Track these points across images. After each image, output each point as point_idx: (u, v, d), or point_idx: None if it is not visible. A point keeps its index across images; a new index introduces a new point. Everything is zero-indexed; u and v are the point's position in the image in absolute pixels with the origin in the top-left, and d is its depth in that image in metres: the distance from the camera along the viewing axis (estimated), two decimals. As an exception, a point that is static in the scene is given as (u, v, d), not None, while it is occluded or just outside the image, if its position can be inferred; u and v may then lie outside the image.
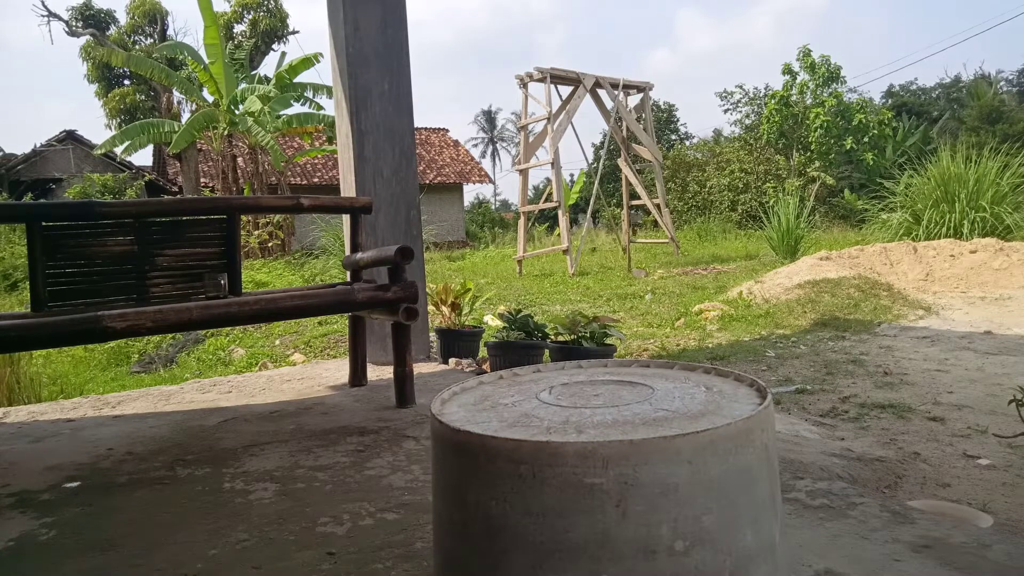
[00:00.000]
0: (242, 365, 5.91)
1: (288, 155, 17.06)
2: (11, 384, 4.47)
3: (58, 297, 2.55)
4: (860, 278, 7.15)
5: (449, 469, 1.16)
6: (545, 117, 12.33)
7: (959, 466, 2.57)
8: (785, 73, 23.03)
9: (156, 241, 2.71)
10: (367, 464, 2.27)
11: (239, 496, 2.04)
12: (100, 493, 2.13)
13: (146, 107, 21.36)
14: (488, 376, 1.50)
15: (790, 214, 11.28)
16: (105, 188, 17.72)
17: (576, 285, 9.82)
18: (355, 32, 3.78)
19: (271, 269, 11.67)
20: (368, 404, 3.08)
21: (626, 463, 0.99)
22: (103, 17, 22.86)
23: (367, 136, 3.84)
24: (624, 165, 13.86)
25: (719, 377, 1.40)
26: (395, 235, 3.89)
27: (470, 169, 26.71)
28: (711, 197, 22.82)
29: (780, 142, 23.15)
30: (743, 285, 7.56)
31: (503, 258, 16.38)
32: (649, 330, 5.95)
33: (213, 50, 14.33)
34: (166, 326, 2.38)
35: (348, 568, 1.56)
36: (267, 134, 14.20)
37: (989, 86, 27.10)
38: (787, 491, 1.93)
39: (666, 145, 30.35)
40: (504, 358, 3.76)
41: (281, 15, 21.98)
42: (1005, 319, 5.66)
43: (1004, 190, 9.67)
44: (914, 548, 1.56)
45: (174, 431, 2.78)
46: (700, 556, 1.01)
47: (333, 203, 3.48)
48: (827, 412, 3.30)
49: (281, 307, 2.65)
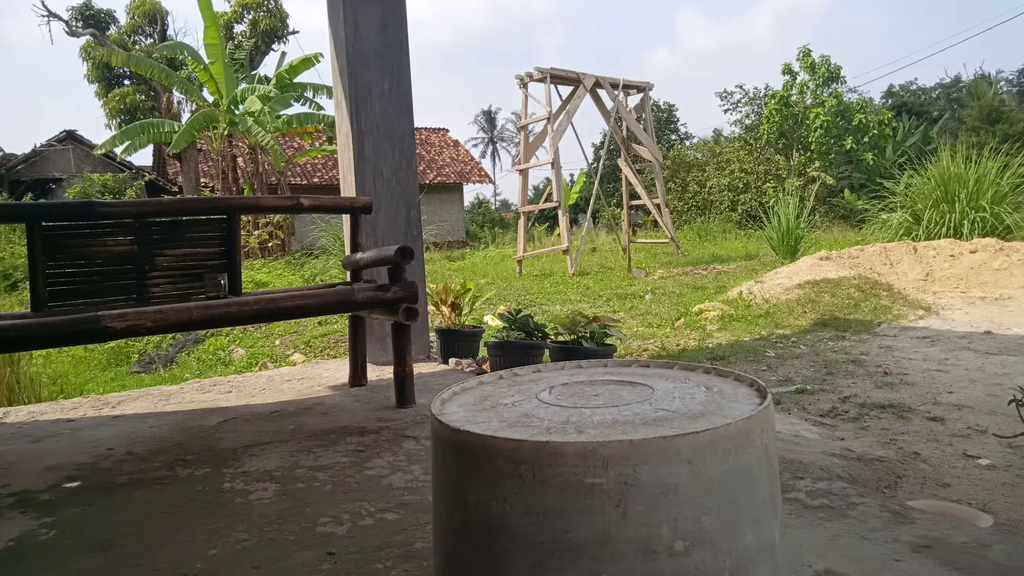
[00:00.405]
0: (242, 365, 5.91)
1: (288, 155, 17.07)
2: (11, 384, 4.47)
3: (58, 297, 2.55)
4: (860, 278, 7.15)
5: (449, 469, 1.16)
6: (545, 117, 12.32)
7: (959, 466, 2.57)
8: (785, 73, 23.03)
9: (156, 241, 2.71)
10: (367, 464, 2.27)
11: (239, 496, 2.04)
12: (100, 493, 2.13)
13: (146, 107, 21.36)
14: (488, 376, 1.50)
15: (790, 214, 11.28)
16: (105, 188, 17.72)
17: (576, 285, 9.82)
18: (355, 32, 3.78)
19: (271, 269, 11.67)
20: (368, 404, 3.08)
21: (626, 463, 0.99)
22: (103, 17, 22.86)
23: (367, 136, 3.84)
24: (624, 165, 13.86)
25: (719, 377, 1.40)
26: (395, 235, 3.89)
27: (470, 169, 26.71)
28: (711, 197, 22.82)
29: (780, 142, 23.15)
30: (743, 285, 7.56)
31: (503, 258, 16.38)
32: (649, 330, 5.95)
33: (213, 50, 14.33)
34: (166, 326, 2.39)
35: (348, 568, 1.56)
36: (267, 134, 14.20)
37: (989, 86, 27.09)
38: (787, 491, 1.93)
39: (666, 145, 30.35)
40: (504, 358, 3.76)
41: (281, 15, 21.98)
42: (1005, 319, 5.66)
43: (1004, 190, 9.67)
44: (914, 548, 1.56)
45: (174, 431, 2.78)
46: (700, 556, 1.01)
47: (333, 203, 3.48)
48: (827, 412, 3.30)
49: (281, 307, 2.65)
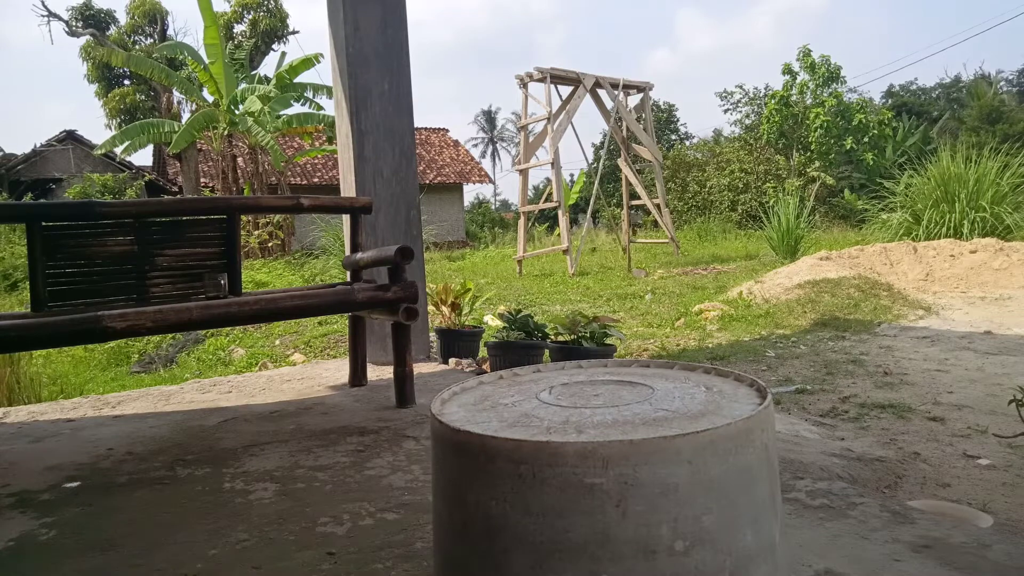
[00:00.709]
0: (242, 365, 5.91)
1: (288, 155, 17.07)
2: (11, 384, 4.47)
3: (58, 297, 2.55)
4: (860, 278, 7.15)
5: (449, 469, 1.16)
6: (545, 117, 12.32)
7: (959, 466, 2.57)
8: (785, 73, 23.02)
9: (156, 241, 2.71)
10: (367, 464, 2.27)
11: (239, 496, 2.04)
12: (100, 493, 2.13)
13: (146, 107, 21.35)
14: (488, 376, 1.50)
15: (790, 214, 11.28)
16: (105, 188, 17.72)
17: (576, 285, 9.82)
18: (355, 32, 3.78)
19: (271, 269, 11.67)
20: (368, 404, 3.08)
21: (626, 463, 0.99)
22: (103, 17, 22.86)
23: (367, 136, 3.84)
24: (624, 165, 13.86)
25: (719, 377, 1.40)
26: (395, 235, 3.89)
27: (470, 169, 26.71)
28: (711, 197, 22.82)
29: (780, 142, 23.14)
30: (743, 285, 7.56)
31: (503, 258, 16.38)
32: (649, 330, 5.95)
33: (213, 50, 14.34)
34: (166, 326, 2.39)
35: (348, 568, 1.56)
36: (267, 134, 14.21)
37: (989, 86, 27.07)
38: (787, 491, 1.93)
39: (666, 145, 30.35)
40: (504, 358, 3.76)
41: (281, 15, 21.98)
42: (1005, 319, 5.66)
43: (1004, 190, 9.67)
44: (914, 548, 1.55)
45: (174, 431, 2.78)
46: (700, 556, 1.01)
47: (333, 203, 3.48)
48: (827, 412, 3.30)
49: (281, 307, 2.65)
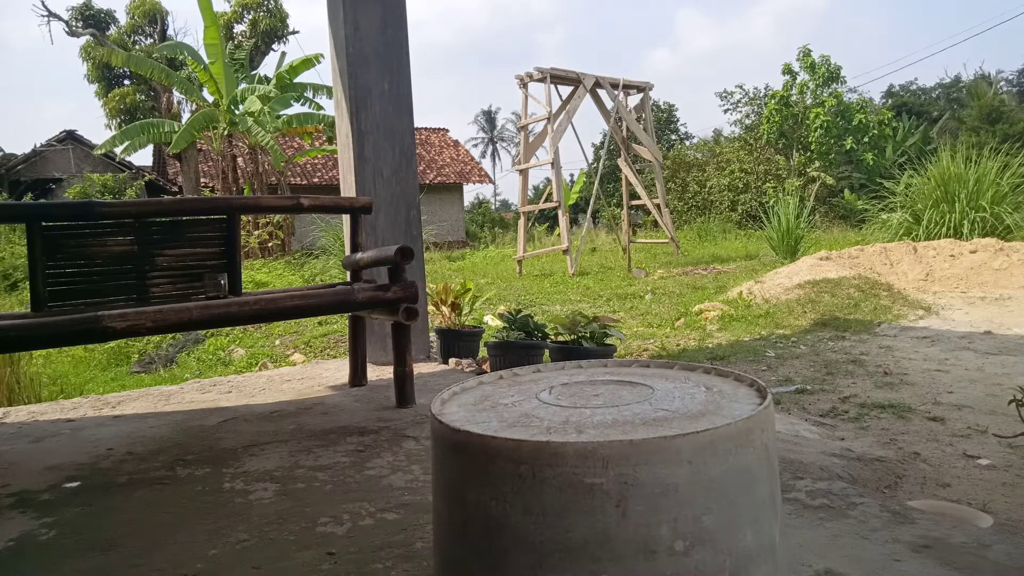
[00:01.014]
0: (242, 365, 5.91)
1: (288, 155, 17.08)
2: (11, 384, 4.46)
3: (58, 297, 2.55)
4: (860, 278, 7.15)
5: (449, 469, 1.16)
6: (545, 117, 12.32)
7: (959, 466, 2.57)
8: (785, 73, 23.02)
9: (156, 241, 2.71)
10: (367, 464, 2.27)
11: (239, 496, 2.04)
12: (100, 493, 2.13)
13: (146, 107, 21.35)
14: (488, 376, 1.50)
15: (790, 214, 11.28)
16: (105, 188, 17.72)
17: (576, 285, 9.82)
18: (355, 32, 3.78)
19: (271, 269, 11.67)
20: (368, 404, 3.08)
21: (626, 463, 0.99)
22: (103, 17, 22.85)
23: (367, 136, 3.84)
24: (624, 165, 13.85)
25: (719, 377, 1.40)
26: (395, 235, 3.89)
27: (470, 169, 26.71)
28: (711, 197, 22.82)
29: (780, 142, 23.14)
30: (743, 285, 7.56)
31: (503, 258, 16.38)
32: (649, 330, 5.95)
33: (213, 50, 14.34)
34: (166, 326, 2.38)
35: (348, 568, 1.56)
36: (267, 134, 14.21)
37: (989, 86, 27.05)
38: (787, 491, 1.93)
39: (666, 145, 30.35)
40: (504, 358, 3.76)
41: (281, 15, 21.98)
42: (1005, 319, 5.66)
43: (1004, 190, 9.67)
44: (914, 548, 1.55)
45: (174, 431, 2.78)
46: (700, 556, 1.01)
47: (333, 203, 3.48)
48: (827, 412, 3.30)
49: (281, 307, 2.65)
